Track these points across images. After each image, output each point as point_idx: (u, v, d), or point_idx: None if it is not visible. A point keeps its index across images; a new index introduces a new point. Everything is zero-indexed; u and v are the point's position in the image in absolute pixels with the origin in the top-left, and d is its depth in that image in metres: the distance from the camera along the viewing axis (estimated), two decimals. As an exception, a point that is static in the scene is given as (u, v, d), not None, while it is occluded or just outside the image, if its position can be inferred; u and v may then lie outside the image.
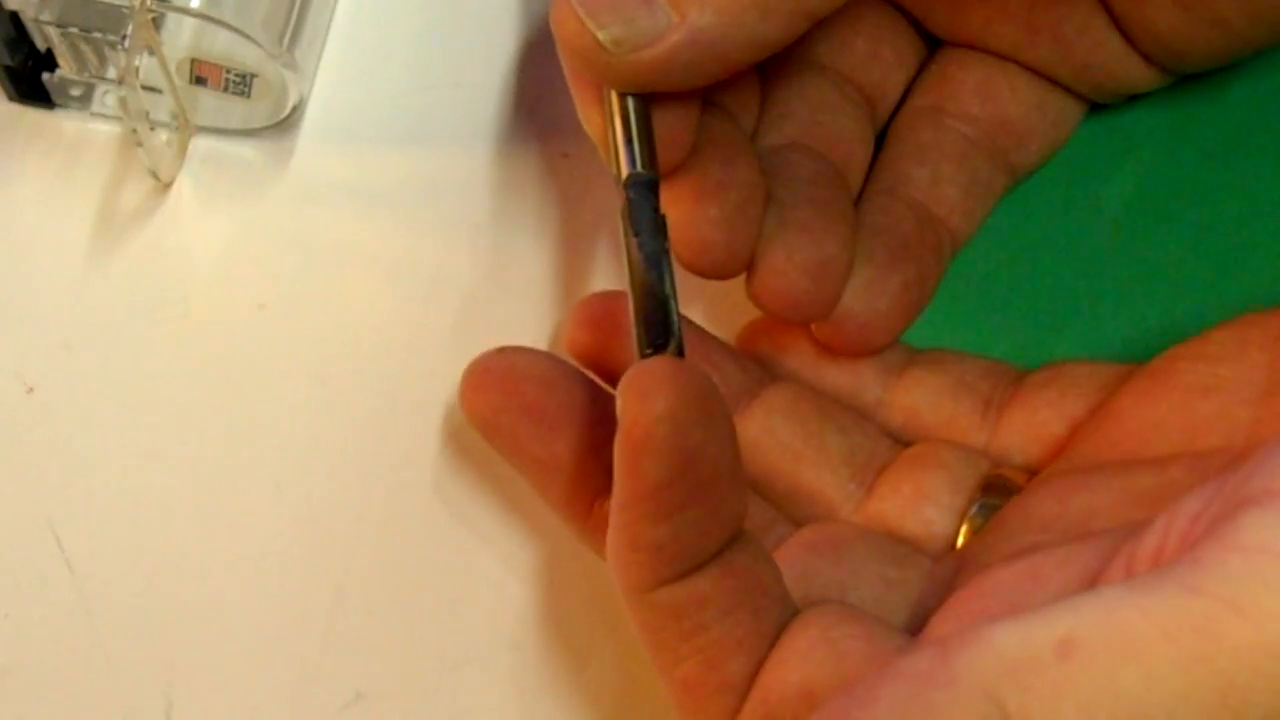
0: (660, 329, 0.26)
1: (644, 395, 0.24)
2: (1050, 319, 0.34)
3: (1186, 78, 0.34)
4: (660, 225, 0.27)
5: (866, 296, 0.31)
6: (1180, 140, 0.35)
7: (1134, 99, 0.34)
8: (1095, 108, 0.35)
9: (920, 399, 0.32)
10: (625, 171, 0.28)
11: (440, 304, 0.34)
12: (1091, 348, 0.33)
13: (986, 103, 0.33)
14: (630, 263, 0.27)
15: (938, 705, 0.21)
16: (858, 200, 0.32)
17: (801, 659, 0.26)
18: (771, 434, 0.31)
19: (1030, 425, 0.31)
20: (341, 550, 0.32)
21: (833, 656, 0.25)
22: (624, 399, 0.25)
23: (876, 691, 0.22)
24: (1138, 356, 0.30)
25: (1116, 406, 0.30)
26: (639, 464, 0.24)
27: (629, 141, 0.28)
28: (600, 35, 0.27)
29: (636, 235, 0.27)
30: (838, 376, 0.32)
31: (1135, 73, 0.33)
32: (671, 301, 0.27)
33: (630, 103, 0.28)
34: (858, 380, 0.32)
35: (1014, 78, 0.33)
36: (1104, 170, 0.35)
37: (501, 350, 0.30)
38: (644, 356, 0.26)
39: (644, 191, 0.28)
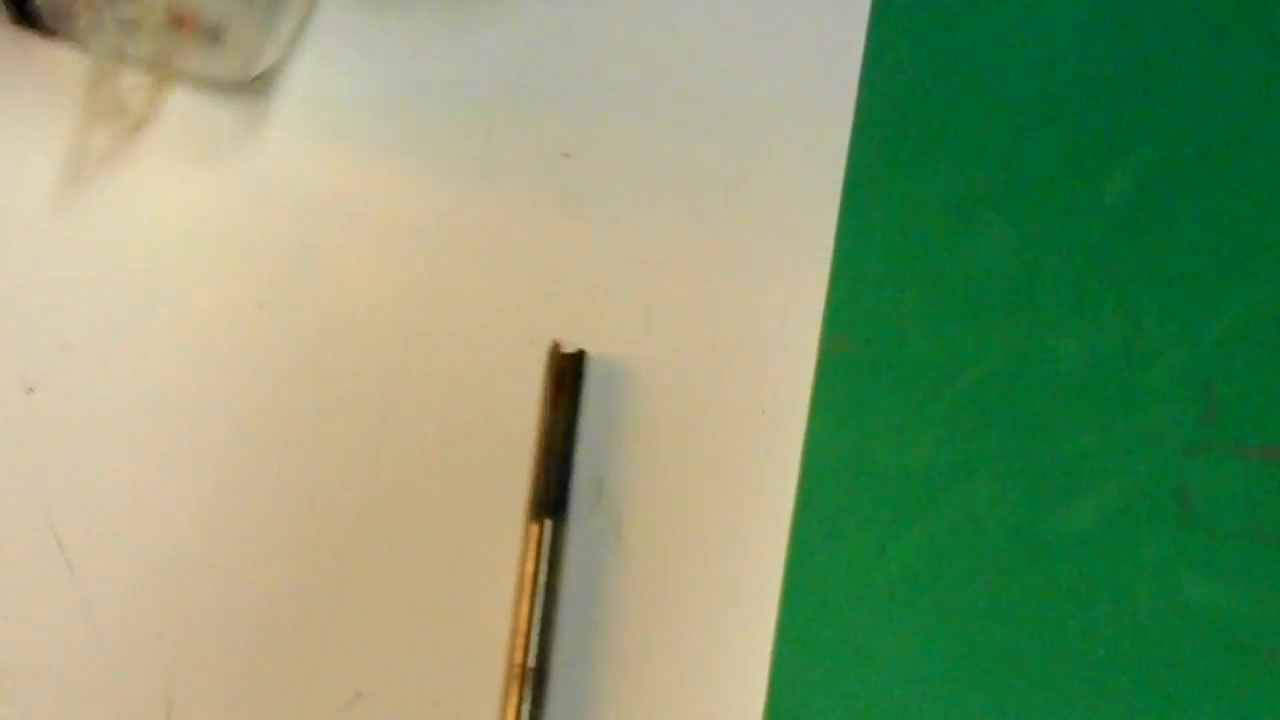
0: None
1: None
2: (1050, 319, 0.34)
3: (1189, 75, 0.34)
4: None
5: None
6: (1180, 139, 0.35)
7: (1134, 99, 0.34)
8: (1097, 104, 0.35)
9: None
10: None
11: (439, 303, 0.34)
12: (1091, 347, 0.33)
13: None
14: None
15: None
16: None
17: None
18: None
19: None
20: (342, 550, 0.32)
21: None
22: None
23: None
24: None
25: None
26: None
27: None
28: None
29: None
30: None
31: None
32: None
33: None
34: None
35: None
36: (1104, 169, 0.35)
37: None
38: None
39: None
